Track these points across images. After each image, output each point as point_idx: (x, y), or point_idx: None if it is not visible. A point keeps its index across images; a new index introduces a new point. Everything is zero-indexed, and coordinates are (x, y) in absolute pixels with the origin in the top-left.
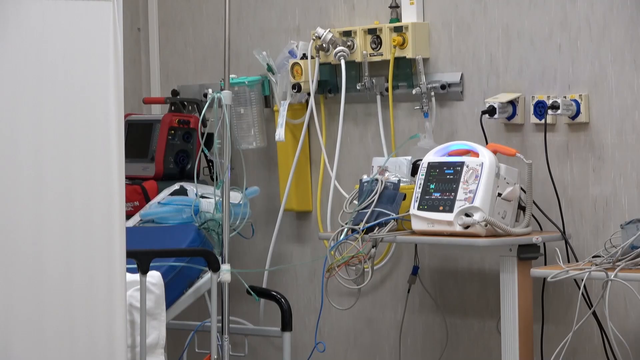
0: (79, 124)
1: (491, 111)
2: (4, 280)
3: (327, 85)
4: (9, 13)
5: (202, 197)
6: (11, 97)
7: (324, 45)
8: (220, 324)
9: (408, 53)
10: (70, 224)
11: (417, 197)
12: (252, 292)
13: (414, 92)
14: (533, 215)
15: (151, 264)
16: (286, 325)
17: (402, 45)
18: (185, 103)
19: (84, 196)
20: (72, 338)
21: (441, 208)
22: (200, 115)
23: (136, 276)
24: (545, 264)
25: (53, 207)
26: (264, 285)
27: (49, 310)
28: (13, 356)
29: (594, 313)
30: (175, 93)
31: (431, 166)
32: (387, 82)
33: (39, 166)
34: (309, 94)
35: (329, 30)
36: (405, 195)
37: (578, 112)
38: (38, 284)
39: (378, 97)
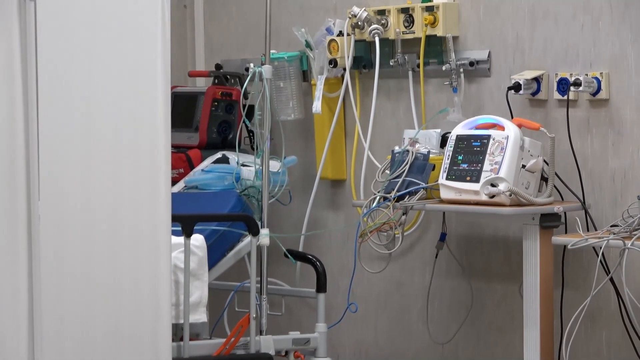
0: (128, 95)
1: (516, 87)
2: (56, 242)
3: (362, 61)
4: None
5: (243, 165)
6: (65, 69)
7: (359, 23)
8: (258, 285)
9: (439, 31)
10: (118, 189)
11: (446, 168)
12: (289, 255)
13: (443, 68)
14: (555, 186)
15: (195, 228)
16: (321, 286)
17: (433, 23)
18: (228, 76)
19: (132, 163)
20: (120, 296)
21: (468, 178)
22: (242, 88)
23: (180, 239)
24: (566, 232)
25: (103, 174)
26: (300, 249)
27: (98, 272)
28: (64, 311)
29: (612, 279)
30: (218, 67)
31: (459, 138)
32: (419, 58)
33: (90, 135)
34: (344, 69)
35: (365, 9)
36: (434, 166)
37: (599, 89)
38: (88, 245)
39: (410, 72)
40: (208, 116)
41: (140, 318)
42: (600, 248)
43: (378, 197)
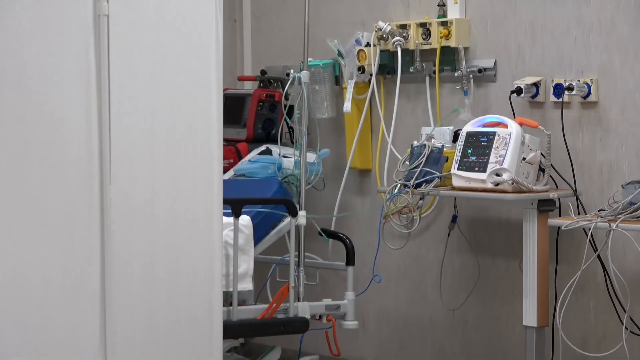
0: (187, 96)
1: (518, 91)
2: (124, 221)
3: (386, 68)
4: (132, 5)
5: (284, 156)
6: (133, 74)
7: (384, 35)
8: (297, 259)
9: (452, 43)
10: (178, 176)
11: (457, 160)
12: (323, 234)
13: (456, 74)
14: (550, 176)
15: (242, 210)
16: (350, 260)
17: (447, 36)
18: (272, 80)
19: (190, 154)
20: (179, 268)
21: (476, 169)
22: (283, 90)
23: (230, 219)
24: (560, 216)
25: (164, 164)
26: (332, 228)
27: (160, 248)
28: (132, 281)
29: (599, 256)
30: (263, 72)
31: (469, 135)
32: (435, 66)
33: (154, 131)
34: (371, 75)
35: (389, 24)
36: (447, 158)
37: (589, 93)
38: (151, 224)
39: (427, 78)
40: (254, 114)
41: (196, 286)
42: (590, 229)
43: (399, 185)
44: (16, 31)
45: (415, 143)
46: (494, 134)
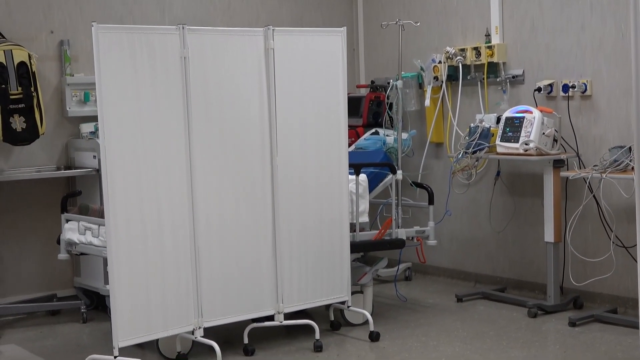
0: (324, 98)
1: (539, 89)
2: (286, 178)
3: (452, 77)
4: (289, 42)
5: (387, 135)
6: (290, 86)
7: (450, 56)
8: (396, 201)
9: (495, 59)
10: (319, 150)
11: (499, 135)
12: (413, 184)
13: (497, 80)
14: (561, 144)
15: (361, 170)
16: (431, 201)
17: (492, 55)
18: (378, 87)
19: (327, 135)
20: (321, 208)
21: (512, 140)
22: (386, 93)
23: (353, 177)
24: (567, 170)
25: (311, 142)
26: (419, 180)
27: (309, 195)
28: (291, 211)
29: (594, 195)
30: (372, 82)
31: (507, 119)
32: (484, 75)
33: (304, 121)
34: (442, 82)
35: (453, 48)
36: (493, 134)
37: (585, 90)
38: (303, 181)
39: (479, 83)
40: (367, 109)
41: (333, 219)
42: (588, 178)
43: (462, 152)
44: (223, 61)
45: (472, 125)
46: (523, 117)
